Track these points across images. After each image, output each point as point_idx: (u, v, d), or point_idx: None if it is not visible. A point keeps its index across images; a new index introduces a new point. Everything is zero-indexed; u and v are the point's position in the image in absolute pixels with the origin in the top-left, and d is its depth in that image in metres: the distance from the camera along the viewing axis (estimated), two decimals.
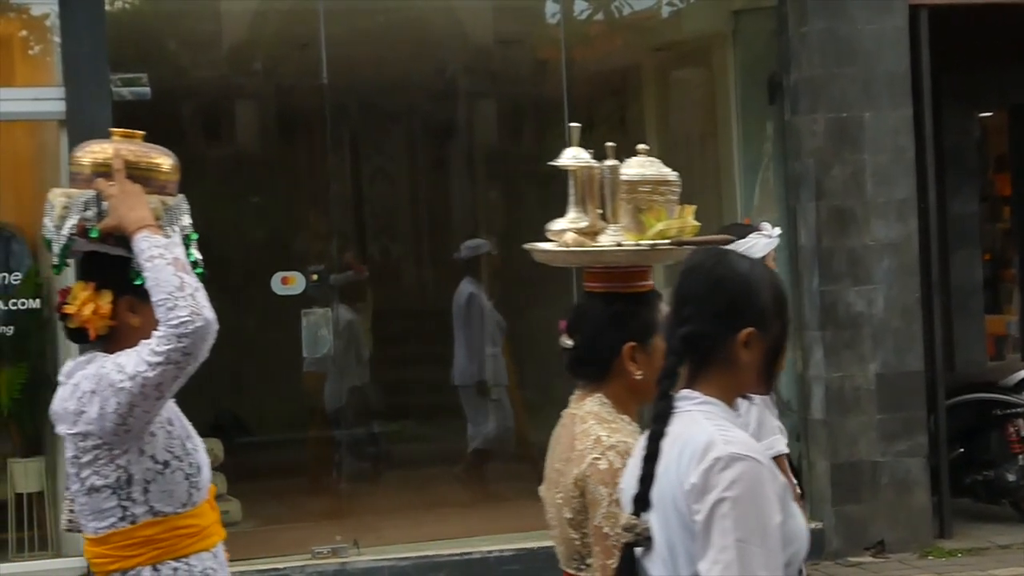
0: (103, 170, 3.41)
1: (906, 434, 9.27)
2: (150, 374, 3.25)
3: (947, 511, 9.48)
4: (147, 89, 8.54)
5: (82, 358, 3.46)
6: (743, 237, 4.88)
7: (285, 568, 8.45)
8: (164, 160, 3.51)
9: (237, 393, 12.05)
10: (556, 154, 3.63)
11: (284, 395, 11.82)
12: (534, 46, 11.23)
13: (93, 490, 3.39)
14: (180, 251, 3.32)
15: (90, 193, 3.40)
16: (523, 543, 8.95)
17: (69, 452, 3.40)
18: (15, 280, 8.62)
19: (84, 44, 8.32)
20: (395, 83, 11.79)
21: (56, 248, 3.42)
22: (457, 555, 8.76)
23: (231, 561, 3.81)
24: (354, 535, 8.83)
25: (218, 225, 12.82)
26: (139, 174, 3.42)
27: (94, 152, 3.45)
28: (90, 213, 3.39)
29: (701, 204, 10.90)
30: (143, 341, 3.28)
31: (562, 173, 3.62)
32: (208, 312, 3.27)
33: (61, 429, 3.43)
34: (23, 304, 8.60)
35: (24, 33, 9.26)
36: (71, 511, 3.59)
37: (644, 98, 11.58)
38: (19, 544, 8.47)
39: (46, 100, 8.38)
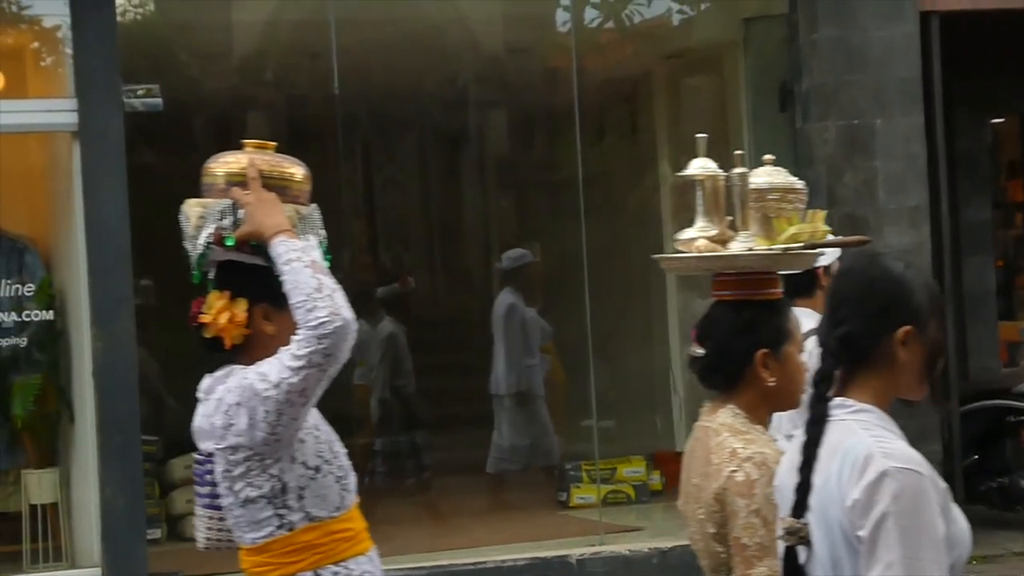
0: (236, 180, 3.44)
1: (920, 441, 9.20)
2: (294, 379, 3.24)
3: None
4: (159, 100, 8.55)
5: (220, 372, 3.45)
6: None
7: None
8: (296, 170, 3.53)
9: None
10: (567, 162, 3.66)
11: None
12: (545, 54, 11.23)
13: (248, 501, 3.38)
14: (317, 254, 3.34)
15: (225, 202, 3.42)
16: (537, 552, 8.95)
17: (219, 467, 3.39)
18: (28, 292, 8.63)
19: (96, 56, 8.34)
20: (406, 92, 11.80)
21: (193, 258, 3.43)
22: (471, 565, 8.75)
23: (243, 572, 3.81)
24: (376, 544, 8.83)
25: None
26: (273, 183, 3.44)
27: (227, 163, 3.49)
28: (226, 222, 3.40)
29: None
30: (282, 348, 3.27)
31: (573, 182, 3.64)
32: (347, 312, 3.25)
33: (207, 445, 3.41)
34: (36, 315, 8.61)
35: (36, 45, 9.29)
36: (209, 528, 3.59)
37: (655, 106, 11.57)
38: (33, 555, 8.48)
39: (58, 112, 8.39)
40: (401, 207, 13.89)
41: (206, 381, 3.47)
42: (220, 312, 3.39)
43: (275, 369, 3.26)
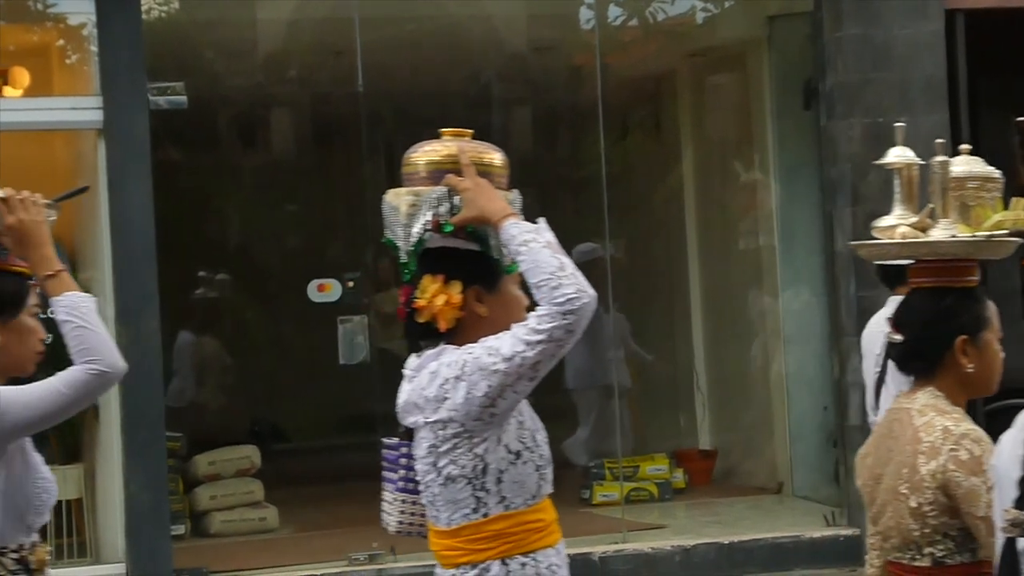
0: (437, 168, 3.48)
1: None
2: (529, 353, 3.26)
3: None
4: (183, 98, 8.58)
5: (430, 352, 3.46)
6: None
7: (322, 575, 8.47)
8: (496, 156, 3.59)
9: (274, 400, 12.10)
10: (590, 160, 3.70)
11: (321, 402, 11.86)
12: (569, 52, 11.23)
13: (449, 480, 3.39)
14: (550, 235, 3.37)
15: (440, 189, 3.44)
16: None
17: (425, 443, 3.39)
18: None
19: (121, 53, 8.37)
20: (430, 90, 11.81)
21: (405, 247, 3.45)
22: None
23: (268, 568, 3.83)
24: (391, 542, 8.85)
25: (254, 233, 12.87)
26: (477, 170, 3.49)
27: (427, 152, 3.53)
28: (443, 209, 3.43)
29: (736, 209, 10.92)
30: (515, 324, 3.31)
31: (596, 180, 3.66)
32: (591, 289, 3.31)
33: (415, 419, 3.42)
34: None
35: (62, 43, 9.33)
36: (403, 512, 3.63)
37: (679, 104, 11.57)
38: (58, 551, 8.51)
39: (84, 109, 8.44)
40: None
41: (413, 360, 3.49)
42: (435, 295, 3.41)
43: (508, 343, 3.29)
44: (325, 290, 9.64)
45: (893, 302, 5.94)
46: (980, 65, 9.78)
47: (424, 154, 3.53)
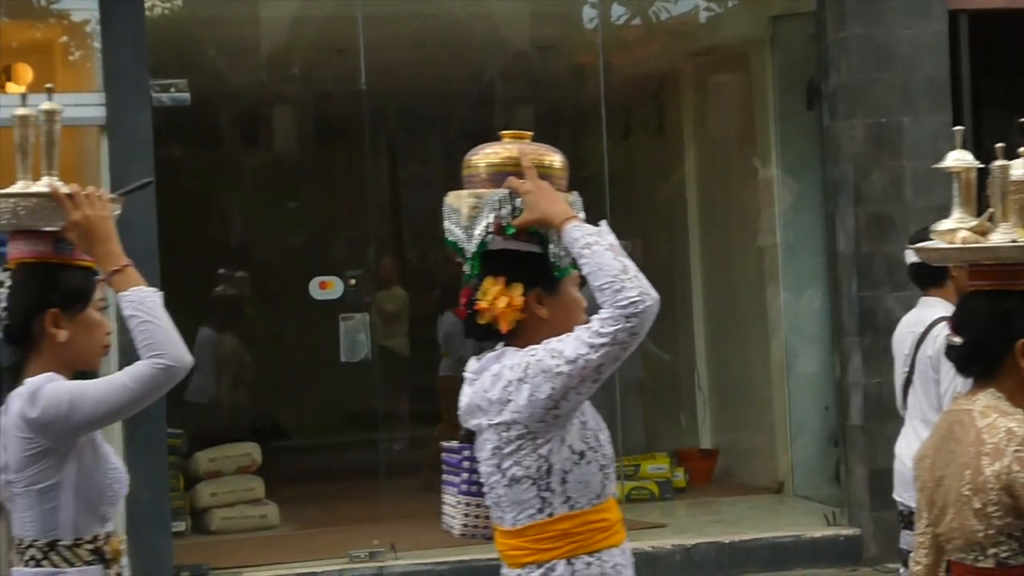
0: (498, 171, 3.49)
1: None
2: (593, 356, 3.28)
3: None
4: (186, 95, 8.58)
5: (491, 354, 3.49)
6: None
7: (322, 572, 8.47)
8: (556, 158, 3.58)
9: (275, 398, 12.10)
10: (593, 159, 3.70)
11: (322, 399, 11.86)
12: (571, 51, 11.24)
13: (514, 481, 3.41)
14: (612, 238, 3.38)
15: (501, 192, 3.45)
16: None
17: (489, 444, 3.42)
18: None
19: (124, 50, 8.37)
20: (433, 89, 11.82)
21: (468, 249, 3.47)
22: (495, 560, 8.73)
23: (268, 565, 3.83)
24: (392, 539, 8.86)
25: (257, 230, 12.87)
26: (538, 173, 3.50)
27: (487, 154, 3.53)
28: (504, 211, 3.44)
29: (738, 209, 10.91)
30: (577, 327, 3.33)
31: (599, 178, 3.66)
32: (654, 292, 3.33)
33: (479, 421, 3.45)
34: None
35: (65, 39, 9.33)
36: (467, 516, 3.67)
37: (682, 103, 11.57)
38: None
39: (87, 106, 8.44)
40: (426, 203, 13.90)
41: (473, 363, 3.52)
42: (497, 297, 3.43)
43: (571, 346, 3.30)
44: (327, 288, 9.65)
45: (924, 303, 5.97)
46: (983, 65, 9.78)
47: (484, 156, 3.53)
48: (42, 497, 3.41)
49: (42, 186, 3.53)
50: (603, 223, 3.41)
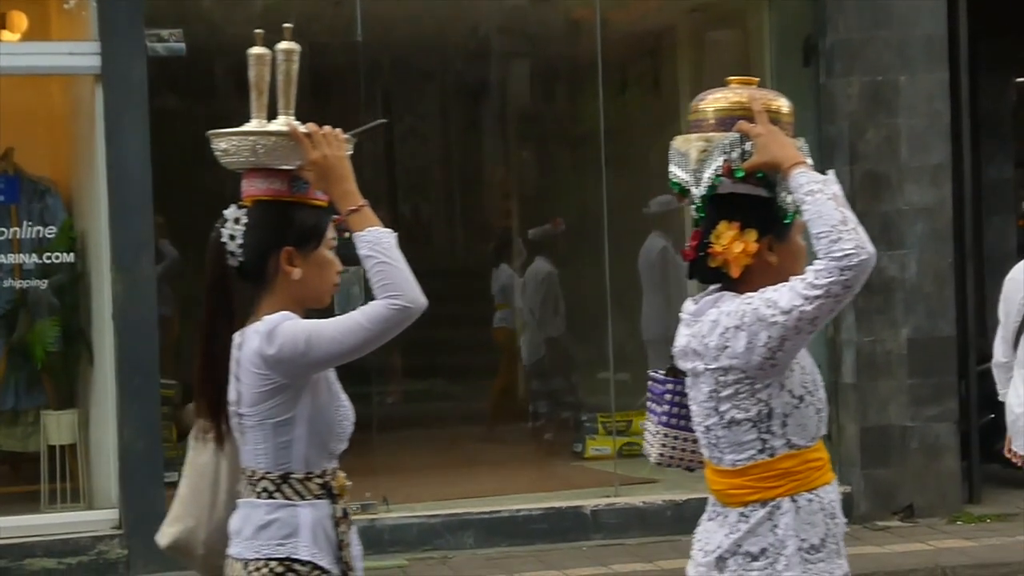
0: (727, 115, 3.52)
1: (936, 399, 9.25)
2: (807, 308, 3.30)
3: (976, 477, 9.47)
4: (182, 45, 8.55)
5: (707, 297, 3.55)
6: None
7: None
8: (783, 103, 3.62)
9: None
10: (588, 115, 3.71)
11: None
12: (568, 6, 11.18)
13: (733, 423, 3.46)
14: (837, 188, 3.39)
15: (732, 135, 3.48)
16: (552, 503, 8.99)
17: (706, 387, 3.47)
18: (49, 234, 8.66)
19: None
20: (429, 42, 11.77)
21: (698, 192, 3.49)
22: (486, 513, 8.80)
23: None
24: (384, 492, 8.88)
25: None
26: (768, 117, 3.53)
27: (715, 99, 3.57)
28: (735, 154, 3.46)
29: None
30: (793, 277, 3.35)
31: (594, 135, 3.68)
32: (871, 246, 3.34)
33: (695, 365, 3.51)
34: (57, 258, 8.65)
35: None
36: (664, 445, 3.78)
37: (678, 59, 11.52)
38: (51, 496, 8.55)
39: (81, 55, 8.40)
40: (421, 157, 13.88)
41: (690, 305, 3.58)
42: (732, 242, 3.47)
43: (786, 297, 3.33)
44: None
45: None
46: (981, 25, 9.75)
47: (712, 102, 3.57)
48: (276, 431, 3.44)
49: (280, 125, 3.56)
50: (830, 172, 3.43)
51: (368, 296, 3.48)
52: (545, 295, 11.25)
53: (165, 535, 3.73)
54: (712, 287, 3.55)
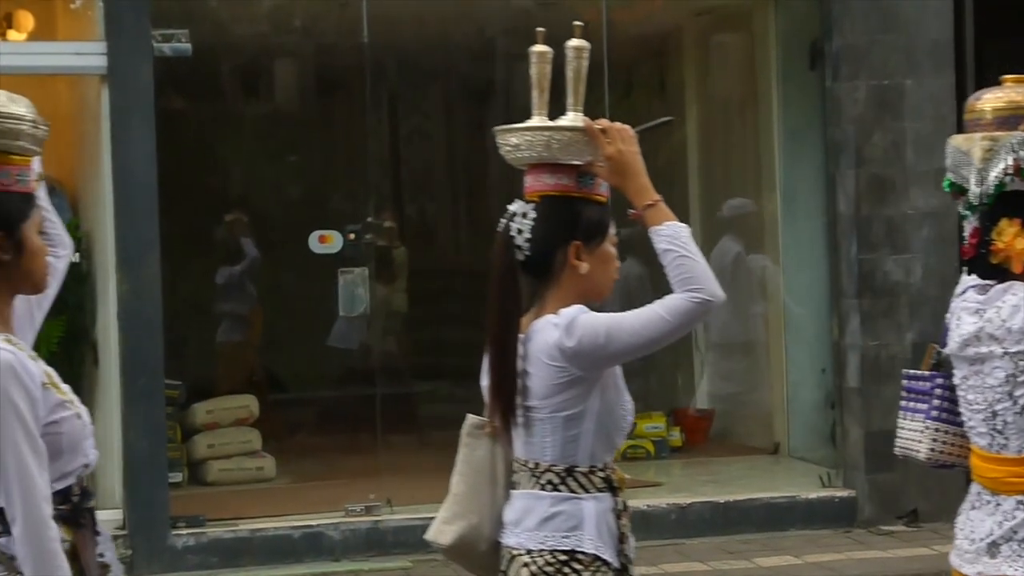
0: (1005, 114, 3.59)
1: None
2: None
3: None
4: (188, 46, 8.55)
5: (999, 285, 3.61)
6: None
7: (318, 525, 8.49)
8: None
9: (273, 351, 12.11)
10: (594, 117, 3.71)
11: (320, 353, 11.87)
12: (574, 8, 11.16)
13: None
14: None
15: (1020, 135, 3.56)
16: None
17: (1001, 372, 3.54)
18: None
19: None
20: (435, 43, 11.77)
21: (981, 191, 3.56)
22: None
23: (264, 517, 3.84)
24: (388, 494, 8.88)
25: (256, 183, 12.85)
26: None
27: (992, 99, 3.66)
28: (1023, 152, 3.55)
29: (740, 170, 10.88)
30: None
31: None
32: None
33: (989, 349, 3.57)
34: None
35: None
36: (935, 440, 3.85)
37: (684, 62, 11.53)
38: None
39: (87, 55, 8.41)
40: (427, 158, 13.88)
41: (972, 294, 3.64)
42: (1015, 238, 3.55)
43: None
44: (326, 241, 9.64)
45: None
46: (987, 28, 9.74)
47: (989, 101, 3.65)
48: (566, 424, 3.45)
49: (572, 120, 3.62)
50: None
51: (370, 297, 3.47)
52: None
53: (446, 534, 3.66)
54: (967, 279, 3.63)
